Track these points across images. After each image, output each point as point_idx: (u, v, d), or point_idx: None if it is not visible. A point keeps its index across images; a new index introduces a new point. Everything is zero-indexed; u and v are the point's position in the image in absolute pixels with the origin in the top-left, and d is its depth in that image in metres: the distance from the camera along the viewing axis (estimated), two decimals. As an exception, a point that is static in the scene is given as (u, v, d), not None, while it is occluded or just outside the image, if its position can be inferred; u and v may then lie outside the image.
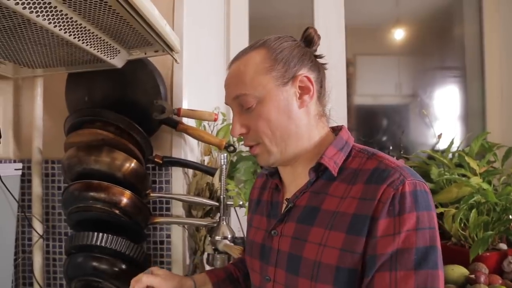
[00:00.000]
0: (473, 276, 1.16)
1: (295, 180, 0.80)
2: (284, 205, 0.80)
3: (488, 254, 1.27)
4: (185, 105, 1.38)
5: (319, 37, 0.80)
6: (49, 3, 0.75)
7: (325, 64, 0.82)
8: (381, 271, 0.63)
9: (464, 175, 1.46)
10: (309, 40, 0.79)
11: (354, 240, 0.65)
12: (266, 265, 0.78)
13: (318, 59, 0.80)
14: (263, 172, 0.91)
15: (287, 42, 0.77)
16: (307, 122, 0.76)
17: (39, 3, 0.74)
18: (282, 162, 0.78)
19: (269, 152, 0.76)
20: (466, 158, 1.48)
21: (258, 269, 0.82)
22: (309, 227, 0.71)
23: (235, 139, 1.58)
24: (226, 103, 0.81)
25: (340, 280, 0.65)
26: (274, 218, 0.81)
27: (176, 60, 1.20)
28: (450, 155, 1.66)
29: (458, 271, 1.21)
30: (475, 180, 1.35)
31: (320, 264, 0.67)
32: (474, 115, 2.00)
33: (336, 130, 0.81)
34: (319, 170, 0.74)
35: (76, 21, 0.86)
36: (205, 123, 1.51)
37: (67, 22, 0.84)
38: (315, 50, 0.81)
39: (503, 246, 1.32)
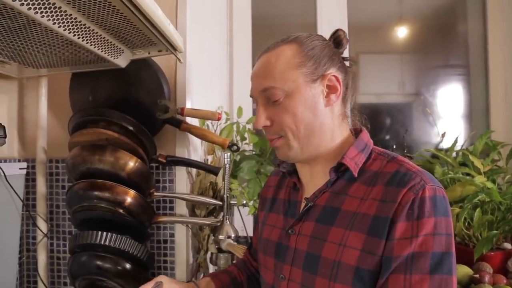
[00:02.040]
0: (477, 275, 1.16)
1: (313, 179, 0.80)
2: (303, 204, 0.80)
3: (492, 253, 1.27)
4: (188, 105, 1.38)
5: (347, 41, 0.81)
6: (54, 3, 0.76)
7: (350, 67, 0.83)
8: (395, 273, 0.63)
9: (468, 174, 1.46)
10: (338, 41, 0.81)
11: (375, 242, 0.65)
12: (281, 263, 0.78)
13: (345, 61, 0.81)
14: (280, 170, 0.90)
15: (318, 40, 0.78)
16: (331, 121, 0.77)
17: (43, 4, 0.74)
18: (302, 159, 0.78)
19: (289, 146, 0.76)
20: (470, 157, 1.48)
21: (272, 267, 0.82)
22: (329, 227, 0.71)
23: (238, 138, 1.59)
24: (252, 95, 0.80)
25: (359, 281, 0.66)
26: (291, 217, 0.81)
27: (179, 60, 1.20)
28: (454, 154, 1.66)
29: (462, 270, 1.20)
30: (479, 179, 1.35)
31: (340, 264, 0.67)
32: (478, 113, 1.99)
33: (356, 132, 0.82)
34: (340, 170, 0.75)
35: (80, 21, 0.86)
36: (209, 122, 1.51)
37: (72, 22, 0.85)
38: (342, 53, 0.82)
39: (508, 245, 1.32)
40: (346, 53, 0.84)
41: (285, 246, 0.79)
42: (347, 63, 0.82)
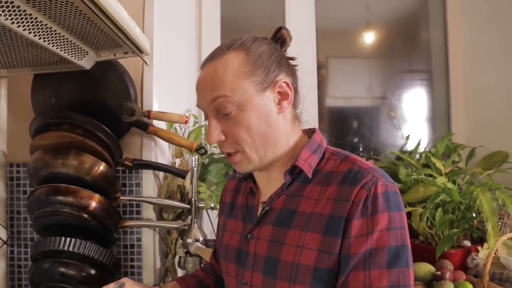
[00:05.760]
0: (439, 272, 1.20)
1: (270, 183, 0.80)
2: (260, 209, 0.79)
3: (453, 251, 1.32)
4: (155, 108, 1.37)
5: (290, 38, 0.79)
6: (12, 2, 0.73)
7: (296, 66, 0.80)
8: (355, 271, 0.64)
9: (430, 175, 1.51)
10: (282, 40, 0.77)
11: (331, 241, 0.66)
12: (242, 269, 0.78)
13: (291, 61, 0.79)
14: (236, 175, 0.89)
15: (265, 45, 0.75)
16: (284, 127, 0.75)
17: (0, 2, 0.71)
18: (260, 168, 0.77)
19: (248, 159, 0.74)
20: (432, 158, 1.53)
21: (234, 273, 0.81)
22: (286, 230, 0.71)
23: (206, 141, 1.58)
24: (201, 107, 0.76)
25: (318, 281, 0.66)
26: (249, 222, 0.80)
27: (146, 62, 1.18)
28: (417, 156, 1.72)
29: (425, 268, 1.24)
30: (441, 180, 1.40)
31: (298, 266, 0.67)
32: (440, 117, 2.07)
33: (309, 132, 0.81)
34: (294, 172, 0.75)
35: (41, 21, 0.84)
36: (176, 125, 1.49)
37: (31, 22, 0.82)
38: (285, 51, 0.79)
39: (467, 243, 1.37)
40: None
41: (245, 251, 0.78)
42: (293, 63, 0.80)
